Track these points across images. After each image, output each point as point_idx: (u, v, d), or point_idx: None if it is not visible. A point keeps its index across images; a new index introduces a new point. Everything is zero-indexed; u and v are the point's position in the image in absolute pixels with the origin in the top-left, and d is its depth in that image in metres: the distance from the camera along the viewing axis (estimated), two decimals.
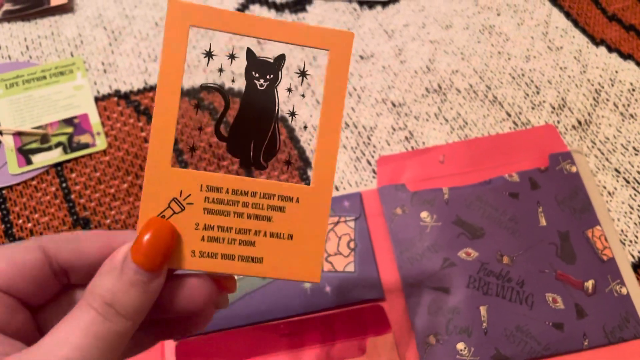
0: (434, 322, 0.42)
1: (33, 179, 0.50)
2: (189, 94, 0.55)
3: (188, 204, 0.25)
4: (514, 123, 0.52)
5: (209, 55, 0.26)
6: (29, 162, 0.51)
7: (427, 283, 0.43)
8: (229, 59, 0.27)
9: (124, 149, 0.52)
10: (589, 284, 0.43)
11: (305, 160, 0.51)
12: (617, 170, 0.49)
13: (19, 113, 0.54)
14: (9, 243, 0.47)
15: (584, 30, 0.58)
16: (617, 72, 0.55)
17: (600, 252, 0.44)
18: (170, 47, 0.25)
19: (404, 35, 0.58)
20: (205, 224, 0.25)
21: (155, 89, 0.33)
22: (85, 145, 0.52)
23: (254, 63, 0.26)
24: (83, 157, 0.51)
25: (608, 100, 0.53)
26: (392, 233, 0.45)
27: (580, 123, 0.52)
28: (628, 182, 0.48)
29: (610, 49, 0.56)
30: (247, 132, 0.27)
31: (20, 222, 0.48)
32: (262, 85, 0.26)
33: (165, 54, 0.25)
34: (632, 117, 0.52)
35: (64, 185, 0.50)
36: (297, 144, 0.51)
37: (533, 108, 0.53)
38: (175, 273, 0.26)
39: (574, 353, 0.41)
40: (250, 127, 0.26)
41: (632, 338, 0.41)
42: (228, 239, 0.25)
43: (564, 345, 0.41)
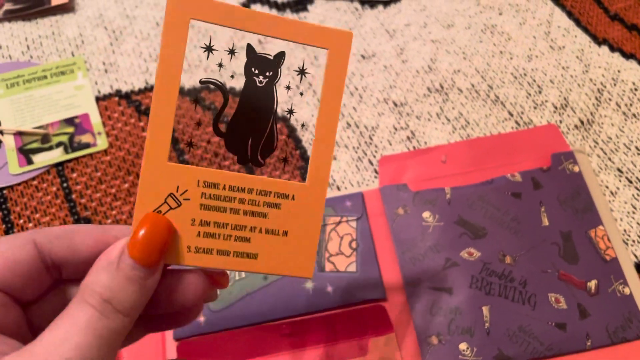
0: (436, 322, 0.42)
1: (34, 179, 0.50)
2: (190, 93, 0.54)
3: (184, 200, 0.25)
4: (516, 123, 0.52)
5: (209, 50, 0.26)
6: (30, 162, 0.51)
7: (429, 283, 0.43)
8: (229, 55, 0.26)
9: (125, 149, 0.52)
10: (592, 284, 0.43)
11: (307, 160, 0.50)
12: (619, 170, 0.49)
13: (20, 113, 0.53)
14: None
15: (586, 30, 0.58)
16: (619, 71, 0.55)
17: (603, 252, 0.44)
18: (170, 40, 0.24)
19: (406, 35, 0.58)
20: (202, 220, 0.25)
21: None
22: (86, 145, 0.52)
23: (254, 59, 0.26)
24: (84, 157, 0.51)
25: (610, 100, 0.53)
26: (394, 233, 0.45)
27: (583, 123, 0.52)
28: (631, 181, 0.48)
29: (613, 49, 0.56)
30: (245, 128, 0.26)
31: (21, 222, 0.48)
32: (261, 82, 0.26)
33: (165, 48, 0.24)
34: (634, 116, 0.52)
35: (65, 185, 0.50)
36: (298, 144, 0.51)
37: (535, 108, 0.53)
38: (169, 268, 0.26)
39: (577, 353, 0.40)
40: (249, 123, 0.26)
41: (635, 338, 0.41)
42: (224, 235, 0.25)
43: (567, 346, 0.40)
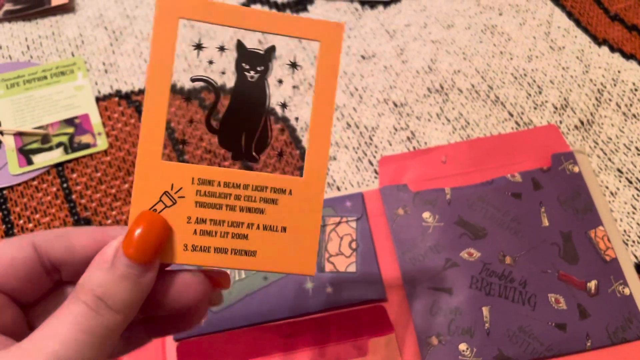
0: (436, 322, 0.41)
1: (34, 179, 0.50)
2: (184, 92, 0.54)
3: (180, 198, 0.25)
4: (516, 123, 0.52)
5: (199, 48, 0.26)
6: (30, 162, 0.51)
7: (429, 283, 0.43)
8: (219, 51, 0.26)
9: (125, 149, 0.52)
10: (592, 285, 0.43)
11: None
12: (619, 171, 0.49)
13: (20, 113, 0.53)
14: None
15: (587, 30, 0.58)
16: (619, 72, 0.55)
17: (603, 252, 0.44)
18: (160, 40, 0.24)
19: (406, 35, 0.58)
20: (198, 218, 0.25)
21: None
22: (86, 146, 0.52)
23: (245, 55, 0.26)
24: (84, 157, 0.51)
25: (610, 100, 0.53)
26: (394, 233, 0.45)
27: (583, 123, 0.52)
28: (631, 182, 0.48)
29: (613, 49, 0.56)
30: (238, 124, 0.26)
31: (21, 222, 0.48)
32: (252, 77, 0.26)
33: (155, 48, 0.24)
34: (634, 117, 0.52)
35: (65, 186, 0.50)
36: (298, 144, 0.51)
37: (535, 108, 0.53)
38: (168, 269, 0.25)
39: (577, 354, 0.40)
40: (241, 119, 0.26)
41: (635, 339, 0.41)
42: (221, 233, 0.25)
43: (567, 346, 0.40)
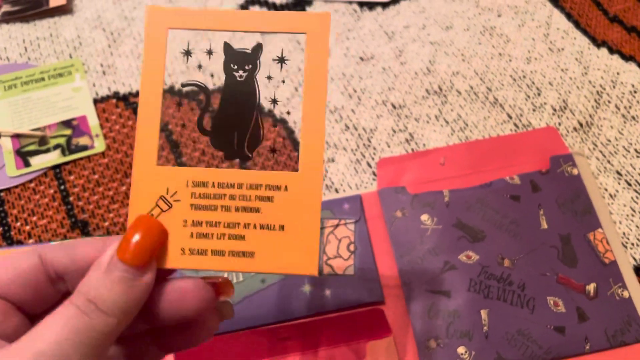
0: (435, 325, 0.41)
1: (31, 181, 0.50)
2: (178, 95, 0.54)
3: (175, 201, 0.25)
4: (515, 125, 0.52)
5: (187, 54, 0.27)
6: (27, 164, 0.51)
7: (427, 286, 0.43)
8: (207, 55, 0.27)
9: (123, 151, 0.51)
10: (591, 288, 0.43)
11: None
12: (618, 173, 0.49)
13: (17, 115, 0.53)
14: (7, 247, 0.47)
15: (586, 32, 0.58)
16: (618, 73, 0.55)
17: (602, 255, 0.44)
18: (151, 50, 0.25)
19: (404, 37, 0.58)
20: (193, 220, 0.25)
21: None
22: (84, 148, 0.52)
23: (232, 55, 0.26)
24: (81, 159, 0.51)
25: (609, 102, 0.53)
26: (392, 236, 0.45)
27: (582, 125, 0.52)
28: (630, 184, 0.48)
29: (612, 51, 0.56)
30: (229, 123, 0.26)
31: (19, 224, 0.48)
32: (241, 77, 0.26)
33: (147, 57, 0.25)
34: (633, 119, 0.52)
35: (62, 188, 0.50)
36: (297, 146, 0.51)
37: (534, 110, 0.53)
38: (170, 277, 0.25)
39: (576, 357, 0.40)
40: (233, 118, 0.26)
41: (634, 342, 0.41)
42: (217, 234, 0.25)
43: (566, 349, 0.40)
